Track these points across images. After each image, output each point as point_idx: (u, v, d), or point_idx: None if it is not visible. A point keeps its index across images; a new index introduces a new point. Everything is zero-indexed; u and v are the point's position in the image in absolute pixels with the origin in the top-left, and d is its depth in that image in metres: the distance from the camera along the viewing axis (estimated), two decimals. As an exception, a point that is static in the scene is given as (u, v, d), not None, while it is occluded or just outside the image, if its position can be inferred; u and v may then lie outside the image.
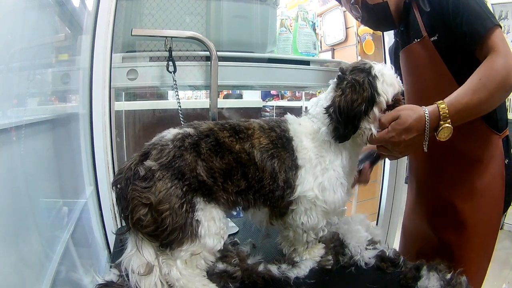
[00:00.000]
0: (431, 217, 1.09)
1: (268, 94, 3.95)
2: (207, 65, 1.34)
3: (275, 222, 0.86)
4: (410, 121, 0.81)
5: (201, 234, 0.72)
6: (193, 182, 0.72)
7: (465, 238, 0.98)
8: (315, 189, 0.80)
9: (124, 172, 0.72)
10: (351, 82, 0.80)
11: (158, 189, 0.69)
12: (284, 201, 0.80)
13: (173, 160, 0.71)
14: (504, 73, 0.82)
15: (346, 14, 2.85)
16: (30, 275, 0.84)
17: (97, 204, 1.26)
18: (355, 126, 0.80)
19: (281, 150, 0.80)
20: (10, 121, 0.78)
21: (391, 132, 0.82)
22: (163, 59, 1.28)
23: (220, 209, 0.76)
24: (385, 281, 0.81)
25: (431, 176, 1.09)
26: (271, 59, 1.49)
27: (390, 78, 0.83)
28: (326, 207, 0.82)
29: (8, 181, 0.77)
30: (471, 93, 0.82)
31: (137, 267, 0.69)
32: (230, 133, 0.79)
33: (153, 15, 1.34)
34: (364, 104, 0.79)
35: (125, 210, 0.71)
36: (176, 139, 0.75)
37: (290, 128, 0.84)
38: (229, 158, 0.76)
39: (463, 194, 0.99)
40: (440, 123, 0.81)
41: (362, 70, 0.82)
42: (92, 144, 1.24)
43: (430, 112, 0.81)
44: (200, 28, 1.38)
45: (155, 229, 0.70)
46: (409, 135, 0.82)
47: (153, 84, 1.34)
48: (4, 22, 0.77)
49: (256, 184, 0.78)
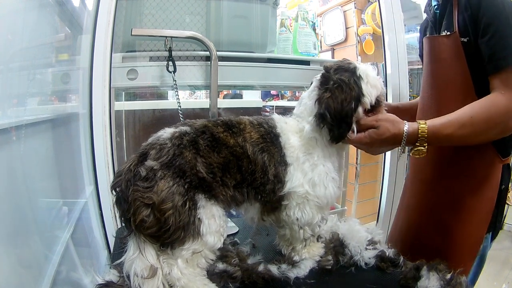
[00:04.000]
0: (418, 217, 1.08)
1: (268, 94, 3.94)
2: (207, 65, 1.34)
3: (266, 218, 0.86)
4: (387, 135, 0.83)
5: (203, 232, 0.72)
6: (194, 179, 0.72)
7: (448, 245, 0.97)
8: (305, 185, 0.81)
9: (123, 174, 0.72)
10: (338, 82, 0.81)
11: (160, 188, 0.69)
12: (275, 195, 0.81)
13: (173, 159, 0.71)
14: (504, 118, 0.82)
15: (346, 14, 2.84)
16: (30, 275, 0.84)
17: (97, 204, 1.27)
18: (348, 124, 0.81)
19: (270, 145, 0.81)
20: (10, 121, 0.78)
21: (367, 139, 0.84)
22: (163, 59, 1.28)
23: (219, 206, 0.76)
24: (385, 281, 0.81)
25: (426, 181, 1.08)
26: (271, 59, 1.50)
27: (374, 80, 0.84)
28: (319, 202, 0.82)
29: (8, 181, 0.77)
30: (457, 126, 0.82)
31: (141, 270, 0.69)
32: (224, 128, 0.80)
33: (153, 15, 1.34)
34: (353, 102, 0.80)
35: (127, 213, 0.70)
36: (174, 137, 0.75)
37: (277, 125, 0.85)
38: (226, 152, 0.77)
39: (451, 206, 0.98)
40: (416, 144, 0.83)
41: (347, 70, 0.83)
42: (92, 144, 1.24)
43: (409, 131, 0.83)
44: (200, 28, 1.38)
45: (158, 230, 0.69)
46: (384, 146, 0.87)
47: (153, 84, 1.34)
48: (4, 22, 0.77)
49: (249, 177, 0.79)
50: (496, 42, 0.84)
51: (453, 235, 0.96)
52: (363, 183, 2.89)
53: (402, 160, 1.69)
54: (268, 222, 0.87)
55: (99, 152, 1.24)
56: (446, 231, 0.98)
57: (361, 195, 2.90)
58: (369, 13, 2.77)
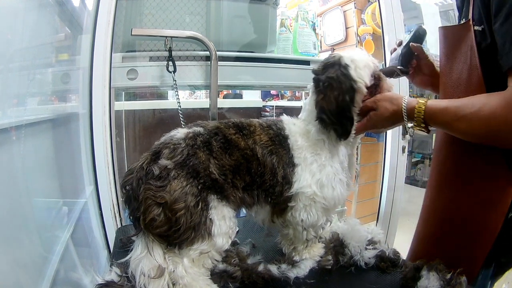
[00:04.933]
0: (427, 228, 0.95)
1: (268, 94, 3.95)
2: (207, 65, 1.34)
3: (276, 220, 0.86)
4: (387, 114, 0.81)
5: (214, 233, 0.72)
6: (207, 180, 0.72)
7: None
8: (313, 185, 0.81)
9: (135, 171, 0.71)
10: (327, 81, 0.81)
11: (173, 188, 0.68)
12: (283, 197, 0.81)
13: (187, 159, 0.71)
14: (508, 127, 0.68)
15: (346, 14, 2.84)
16: (29, 275, 0.84)
17: (97, 204, 1.27)
18: (350, 119, 0.81)
19: (279, 147, 0.81)
20: (10, 121, 0.78)
21: (369, 122, 0.83)
22: (163, 59, 1.28)
23: (230, 208, 0.76)
24: (385, 281, 0.81)
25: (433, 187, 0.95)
26: (271, 59, 1.50)
27: (362, 61, 0.82)
28: (326, 204, 0.82)
29: (8, 181, 0.77)
30: (455, 118, 0.73)
31: (148, 270, 0.69)
32: (235, 130, 0.80)
33: (153, 14, 1.34)
34: (347, 96, 0.80)
35: (137, 211, 0.70)
36: (188, 137, 0.75)
37: (285, 127, 0.85)
38: (237, 154, 0.77)
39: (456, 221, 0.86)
40: (414, 123, 0.79)
41: (333, 64, 0.82)
42: (92, 144, 1.24)
43: (408, 107, 0.78)
44: (200, 28, 1.38)
45: (168, 229, 0.69)
46: (388, 125, 0.85)
47: (153, 84, 1.34)
48: (4, 22, 0.77)
49: (258, 179, 0.79)
50: (509, 29, 0.65)
51: (458, 254, 0.84)
52: (363, 183, 2.89)
53: (402, 160, 1.69)
54: (279, 224, 0.87)
55: (99, 152, 1.24)
56: (453, 248, 0.86)
57: (361, 195, 2.90)
58: (369, 13, 2.77)
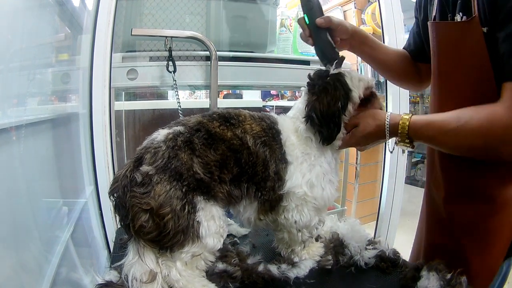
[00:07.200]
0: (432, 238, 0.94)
1: (268, 94, 3.95)
2: (207, 65, 1.34)
3: (263, 217, 0.85)
4: (369, 130, 0.82)
5: (202, 234, 0.72)
6: (192, 181, 0.71)
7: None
8: (304, 186, 0.81)
9: (120, 180, 0.71)
10: (323, 85, 0.82)
11: (157, 193, 0.68)
12: (275, 194, 0.81)
13: (168, 162, 0.70)
14: (496, 143, 0.67)
15: (346, 14, 2.85)
16: (30, 275, 0.84)
17: (97, 204, 1.27)
18: (337, 125, 0.82)
19: (272, 140, 0.81)
20: (10, 121, 0.78)
21: (352, 139, 0.84)
22: (163, 59, 1.28)
23: (219, 206, 0.75)
24: (385, 281, 0.81)
25: (440, 199, 0.92)
26: (271, 59, 1.50)
27: (357, 75, 0.85)
28: (316, 203, 0.82)
29: (8, 181, 0.77)
30: (440, 132, 0.72)
31: (140, 275, 0.69)
32: (220, 122, 0.78)
33: (153, 14, 1.34)
34: (339, 102, 0.80)
35: (125, 219, 0.70)
36: (168, 139, 0.73)
37: (278, 121, 0.85)
38: (223, 147, 0.75)
39: (468, 231, 0.85)
40: (398, 139, 0.80)
41: (328, 74, 0.84)
42: (92, 144, 1.24)
43: (391, 123, 0.79)
44: (200, 28, 1.38)
45: (158, 235, 0.69)
46: (370, 141, 0.85)
47: (153, 84, 1.34)
48: (4, 22, 0.77)
49: (249, 170, 0.77)
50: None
51: (469, 262, 0.83)
52: (363, 183, 2.89)
53: (402, 160, 1.69)
54: (265, 223, 0.86)
55: (99, 152, 1.24)
56: (461, 256, 0.84)
57: (361, 195, 2.90)
58: (369, 13, 2.77)
